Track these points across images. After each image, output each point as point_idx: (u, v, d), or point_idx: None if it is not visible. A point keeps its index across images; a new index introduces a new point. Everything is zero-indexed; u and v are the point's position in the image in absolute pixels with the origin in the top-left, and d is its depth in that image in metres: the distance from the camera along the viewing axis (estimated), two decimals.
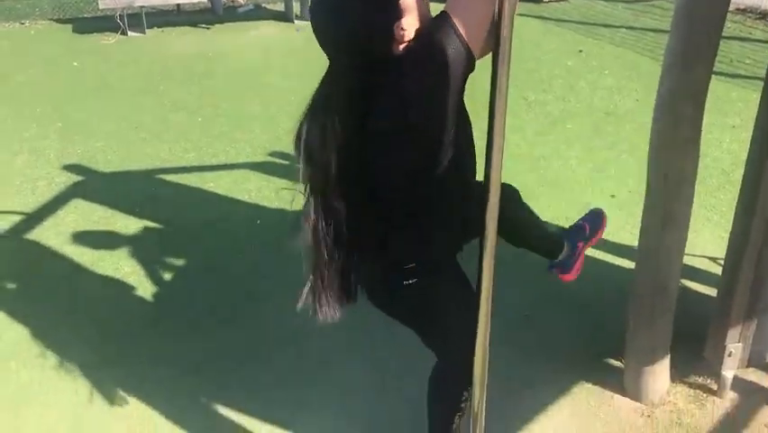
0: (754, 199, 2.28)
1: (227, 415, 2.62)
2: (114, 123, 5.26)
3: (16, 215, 3.95)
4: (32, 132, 5.11)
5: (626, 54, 6.64)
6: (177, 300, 3.25)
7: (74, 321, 3.11)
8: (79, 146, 4.85)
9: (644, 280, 2.37)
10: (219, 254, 3.58)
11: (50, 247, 3.64)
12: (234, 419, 2.60)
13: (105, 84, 6.14)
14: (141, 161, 4.61)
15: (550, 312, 3.10)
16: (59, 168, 4.53)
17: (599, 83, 5.84)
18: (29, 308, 3.20)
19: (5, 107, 5.58)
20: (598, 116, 5.21)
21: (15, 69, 6.52)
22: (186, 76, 6.30)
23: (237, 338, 2.99)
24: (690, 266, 3.21)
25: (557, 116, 5.20)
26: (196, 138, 4.96)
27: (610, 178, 4.27)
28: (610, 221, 3.72)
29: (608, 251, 3.47)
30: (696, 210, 2.40)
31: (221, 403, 2.67)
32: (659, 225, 2.17)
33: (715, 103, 4.78)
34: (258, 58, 6.81)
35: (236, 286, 3.32)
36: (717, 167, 4.31)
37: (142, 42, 7.51)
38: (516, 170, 4.12)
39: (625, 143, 4.65)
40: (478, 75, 1.62)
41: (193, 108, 5.51)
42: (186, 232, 3.77)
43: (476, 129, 1.74)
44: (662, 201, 2.15)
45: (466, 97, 1.64)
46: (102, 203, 4.05)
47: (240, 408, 2.64)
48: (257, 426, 2.56)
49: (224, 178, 4.35)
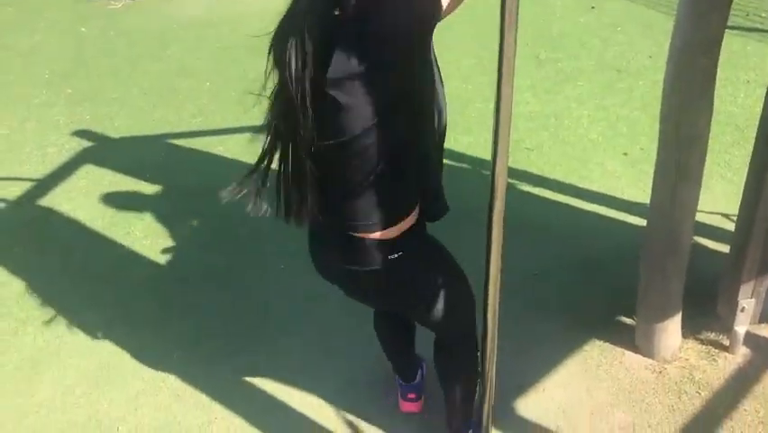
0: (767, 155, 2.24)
1: (243, 374, 2.66)
2: (123, 89, 5.24)
3: (28, 181, 3.97)
4: (41, 99, 5.10)
5: (640, 10, 6.50)
6: (187, 263, 3.27)
7: (88, 286, 3.14)
8: (88, 112, 4.84)
9: (657, 237, 2.35)
10: (227, 219, 3.58)
11: (63, 213, 3.67)
12: (251, 381, 2.63)
13: (113, 50, 6.10)
14: (150, 127, 4.60)
15: (561, 270, 3.10)
16: (69, 134, 4.53)
17: (612, 40, 5.73)
18: (43, 274, 3.23)
19: (12, 74, 5.57)
20: (611, 74, 5.12)
21: (21, 36, 6.49)
22: (195, 41, 6.24)
23: (245, 300, 3.02)
24: (703, 223, 3.18)
25: (568, 74, 5.12)
26: (204, 103, 4.94)
27: (622, 135, 4.21)
28: (623, 179, 3.72)
29: (619, 208, 3.45)
30: (709, 167, 2.37)
31: (233, 364, 2.70)
32: (671, 180, 2.14)
33: (729, 57, 4.71)
34: (270, 23, 6.71)
35: (242, 250, 3.33)
36: (731, 123, 4.24)
37: (150, 7, 7.43)
38: (527, 127, 4.08)
39: (637, 101, 4.58)
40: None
41: (201, 74, 5.47)
42: (194, 196, 3.77)
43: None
44: (674, 156, 2.12)
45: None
46: (112, 168, 4.06)
47: (256, 369, 2.67)
48: (276, 386, 2.60)
49: (231, 141, 4.33)
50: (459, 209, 2.00)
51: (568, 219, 3.46)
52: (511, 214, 1.57)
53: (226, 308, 3.00)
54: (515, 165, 3.79)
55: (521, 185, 3.67)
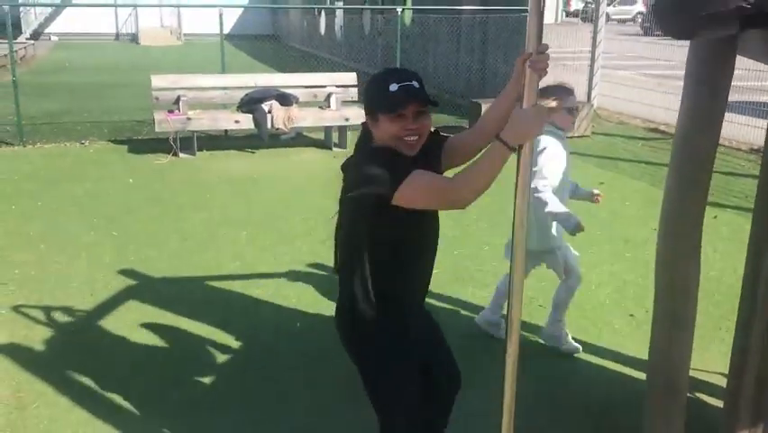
0: (751, 317, 2.53)
1: None
2: (165, 234, 5.68)
3: (77, 313, 4.27)
4: (90, 238, 5.53)
5: (644, 187, 7.05)
6: (224, 389, 3.49)
7: (127, 410, 3.34)
8: (132, 254, 5.24)
9: (657, 379, 2.59)
10: (259, 356, 3.84)
11: (106, 340, 3.93)
12: None
13: (158, 199, 6.64)
14: (189, 269, 4.97)
15: (570, 417, 3.29)
16: (115, 272, 4.90)
17: (620, 213, 6.21)
18: (92, 394, 3.44)
19: (65, 216, 6.07)
20: (619, 243, 5.52)
21: (75, 184, 7.09)
22: (233, 194, 6.79)
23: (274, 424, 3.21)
24: (700, 380, 3.43)
25: (580, 243, 5.51)
26: (241, 249, 5.34)
27: (629, 298, 4.52)
28: (630, 337, 3.97)
29: (625, 363, 3.72)
30: (710, 332, 2.64)
31: None
32: (665, 326, 2.43)
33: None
34: (299, 180, 7.34)
35: (270, 386, 3.54)
36: (725, 282, 4.56)
37: (193, 163, 8.12)
38: (541, 286, 4.39)
39: (642, 268, 4.92)
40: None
41: (239, 223, 5.94)
42: (231, 333, 4.05)
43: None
44: (669, 306, 2.43)
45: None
46: (155, 305, 4.37)
47: None
48: None
49: (267, 285, 4.67)
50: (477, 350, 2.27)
51: (578, 371, 3.70)
52: (524, 364, 1.84)
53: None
54: (529, 320, 4.09)
55: (534, 338, 3.93)
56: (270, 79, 9.40)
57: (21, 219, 5.98)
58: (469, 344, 3.78)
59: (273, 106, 8.48)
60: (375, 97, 2.10)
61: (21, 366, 3.64)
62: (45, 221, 5.93)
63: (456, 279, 4.79)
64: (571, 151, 3.75)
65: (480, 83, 11.88)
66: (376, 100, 2.10)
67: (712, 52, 2.22)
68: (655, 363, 2.58)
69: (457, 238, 5.51)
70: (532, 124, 1.81)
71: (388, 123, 2.07)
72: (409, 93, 2.04)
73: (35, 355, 3.77)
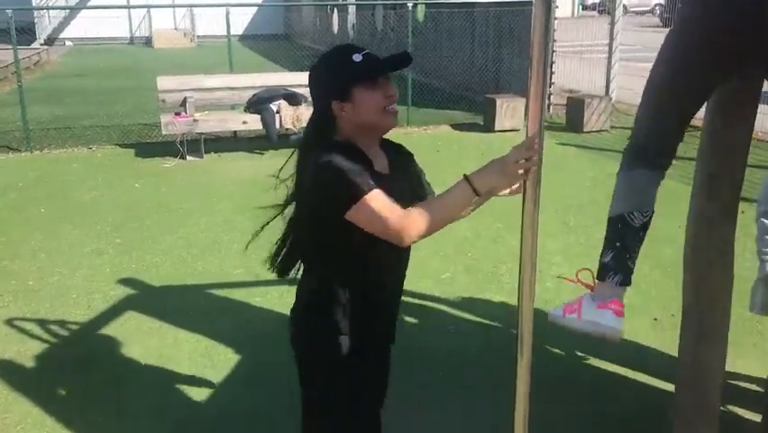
0: None
1: None
2: (170, 240, 5.52)
3: (73, 325, 4.12)
4: (92, 247, 5.38)
5: (667, 183, 6.75)
6: (228, 403, 3.31)
7: (131, 421, 3.17)
8: (134, 262, 5.08)
9: (686, 401, 2.36)
10: (261, 366, 3.65)
11: (102, 354, 3.77)
12: None
13: (163, 204, 6.48)
14: (193, 277, 4.80)
15: (588, 429, 3.07)
16: (115, 282, 4.74)
17: None
18: (83, 412, 3.28)
19: (70, 224, 5.92)
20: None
21: (82, 190, 6.97)
22: (240, 198, 6.61)
23: None
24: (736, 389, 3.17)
25: (598, 240, 5.26)
26: (246, 256, 5.15)
27: (653, 300, 4.27)
28: (654, 342, 3.74)
29: (647, 372, 3.46)
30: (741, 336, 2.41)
31: None
32: (694, 340, 2.19)
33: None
34: None
35: (275, 399, 3.36)
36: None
37: (200, 166, 7.96)
38: (559, 290, 4.16)
39: (667, 267, 4.67)
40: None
41: (245, 229, 5.75)
42: (232, 343, 3.87)
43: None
44: (697, 316, 2.19)
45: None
46: (153, 315, 4.20)
47: None
48: None
49: (270, 293, 4.48)
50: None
51: (596, 379, 3.46)
52: (541, 371, 1.65)
53: None
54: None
55: (550, 343, 3.70)
56: (279, 78, 9.20)
57: (23, 228, 5.85)
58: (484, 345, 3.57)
59: (281, 106, 8.30)
60: (343, 73, 1.86)
61: (9, 384, 3.48)
62: (48, 229, 5.80)
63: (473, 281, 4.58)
64: (590, 146, 3.52)
65: (495, 78, 11.63)
66: (346, 75, 1.85)
67: None
68: (684, 378, 2.34)
69: (468, 240, 5.29)
70: (503, 181, 1.70)
71: (368, 94, 1.84)
72: (376, 58, 1.86)
73: (26, 372, 3.60)
